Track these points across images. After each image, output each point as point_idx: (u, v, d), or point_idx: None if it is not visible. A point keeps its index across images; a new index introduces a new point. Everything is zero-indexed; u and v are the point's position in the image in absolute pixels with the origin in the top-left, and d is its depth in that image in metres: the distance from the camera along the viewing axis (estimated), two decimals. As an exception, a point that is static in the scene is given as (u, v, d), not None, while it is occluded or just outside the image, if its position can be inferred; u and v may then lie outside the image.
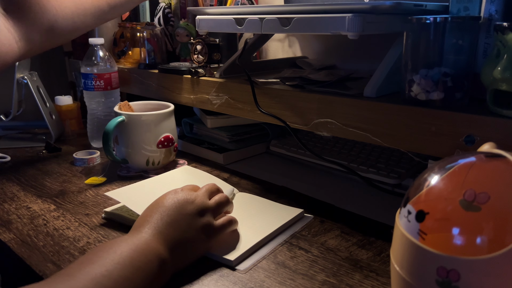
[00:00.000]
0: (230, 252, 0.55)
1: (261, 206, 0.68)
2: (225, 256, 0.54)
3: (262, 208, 0.68)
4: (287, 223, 0.63)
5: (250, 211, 0.66)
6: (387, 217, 0.66)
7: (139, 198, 0.63)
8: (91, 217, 0.67)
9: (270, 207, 0.68)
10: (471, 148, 0.52)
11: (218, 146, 0.94)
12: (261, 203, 0.70)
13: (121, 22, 1.17)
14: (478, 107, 0.56)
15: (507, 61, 0.50)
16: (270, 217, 0.64)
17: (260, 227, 0.61)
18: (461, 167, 0.38)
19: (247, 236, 0.59)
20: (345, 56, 0.99)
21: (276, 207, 0.68)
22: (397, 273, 0.39)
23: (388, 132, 0.60)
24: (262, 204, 0.69)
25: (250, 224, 0.62)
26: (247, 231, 0.60)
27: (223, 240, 0.57)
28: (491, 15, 0.57)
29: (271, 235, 0.60)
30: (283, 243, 0.59)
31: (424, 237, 0.36)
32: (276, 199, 0.71)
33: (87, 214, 0.67)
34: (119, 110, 0.83)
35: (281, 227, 0.62)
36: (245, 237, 0.58)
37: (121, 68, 1.07)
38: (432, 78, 0.56)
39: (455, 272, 0.33)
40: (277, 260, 0.55)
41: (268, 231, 0.60)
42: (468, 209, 0.35)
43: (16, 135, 1.13)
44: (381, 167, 0.78)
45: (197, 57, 0.90)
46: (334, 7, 0.60)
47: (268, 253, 0.56)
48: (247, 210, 0.67)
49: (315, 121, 0.68)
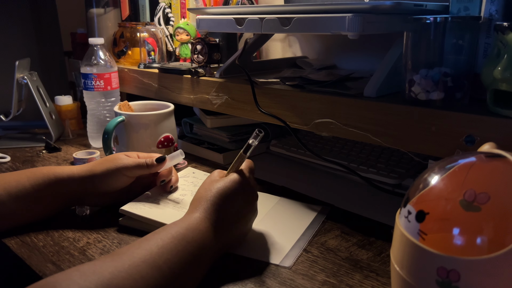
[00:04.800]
0: (273, 256, 0.56)
1: (282, 207, 0.70)
2: (271, 261, 0.55)
3: (285, 209, 0.69)
4: (314, 221, 0.65)
5: (277, 214, 0.67)
6: (387, 217, 0.66)
7: (154, 208, 0.63)
8: (91, 217, 0.66)
9: (290, 207, 0.70)
10: (471, 148, 0.52)
11: (218, 146, 0.94)
12: (281, 204, 0.71)
13: (121, 22, 1.17)
14: (478, 107, 0.56)
15: (507, 61, 0.50)
16: (295, 218, 0.66)
17: (291, 229, 0.62)
18: (461, 167, 0.38)
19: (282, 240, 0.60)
20: (345, 56, 0.99)
21: (296, 206, 0.70)
22: (397, 273, 0.39)
23: (388, 132, 0.60)
24: (282, 205, 0.70)
25: (281, 228, 0.63)
26: (281, 235, 0.61)
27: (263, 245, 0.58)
28: (491, 15, 0.57)
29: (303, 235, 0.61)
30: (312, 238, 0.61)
31: (424, 237, 0.36)
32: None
33: (87, 214, 0.67)
34: (119, 110, 0.83)
35: (310, 226, 0.64)
36: (281, 241, 0.59)
37: (121, 68, 1.07)
38: (432, 78, 0.56)
39: (455, 272, 0.33)
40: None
41: (300, 232, 0.61)
42: (468, 209, 0.35)
43: (16, 135, 1.13)
44: (381, 167, 0.78)
45: (197, 57, 0.90)
46: (334, 7, 0.60)
47: (303, 247, 0.58)
48: (273, 213, 0.68)
49: (315, 121, 0.68)
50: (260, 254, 0.56)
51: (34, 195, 0.59)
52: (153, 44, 1.06)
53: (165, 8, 1.09)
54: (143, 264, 0.41)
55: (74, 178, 0.62)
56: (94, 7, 1.18)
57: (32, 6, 1.19)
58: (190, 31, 1.02)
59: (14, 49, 1.17)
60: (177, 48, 1.08)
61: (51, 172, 0.61)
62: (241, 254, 0.56)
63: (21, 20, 1.17)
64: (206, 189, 0.54)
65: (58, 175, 0.61)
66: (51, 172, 0.61)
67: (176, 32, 1.03)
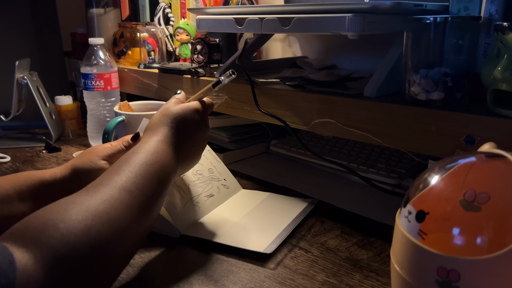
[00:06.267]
0: (260, 244, 0.57)
1: (272, 201, 0.71)
2: (255, 250, 0.56)
3: (274, 202, 0.70)
4: (301, 212, 0.66)
5: (266, 207, 0.69)
6: (387, 217, 0.66)
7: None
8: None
9: (281, 200, 0.71)
10: (471, 148, 0.52)
11: (218, 146, 0.94)
12: (271, 198, 0.72)
13: (121, 22, 1.17)
14: (478, 107, 0.56)
15: (507, 61, 0.50)
16: (284, 210, 0.67)
17: (278, 220, 0.64)
18: (461, 167, 0.38)
19: (270, 229, 0.61)
20: (345, 56, 0.99)
21: (286, 199, 0.71)
22: (397, 273, 0.39)
23: (388, 132, 0.60)
24: (272, 199, 0.72)
25: (269, 219, 0.64)
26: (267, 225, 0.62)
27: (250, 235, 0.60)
28: (491, 15, 0.57)
29: (290, 224, 0.63)
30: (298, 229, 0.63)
31: (424, 237, 0.36)
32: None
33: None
34: (119, 110, 0.83)
35: (297, 216, 0.65)
36: (268, 231, 0.61)
37: (121, 68, 1.07)
38: (432, 78, 0.56)
39: (455, 272, 0.33)
40: (277, 260, 0.55)
41: (286, 223, 0.63)
42: (468, 209, 0.35)
43: (16, 135, 1.13)
44: (381, 167, 0.78)
45: (197, 57, 0.90)
46: (334, 7, 0.60)
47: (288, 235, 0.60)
48: (263, 206, 0.69)
49: (315, 121, 0.68)
50: (244, 243, 0.57)
51: (17, 199, 0.58)
52: (153, 44, 1.06)
53: (165, 8, 1.09)
54: (118, 190, 0.45)
55: (57, 179, 0.60)
56: (94, 7, 1.18)
57: (32, 6, 1.18)
58: (190, 31, 1.02)
59: (14, 49, 1.17)
60: (177, 48, 1.08)
61: (33, 175, 0.60)
62: (226, 243, 0.58)
63: (21, 20, 1.17)
64: (163, 114, 0.57)
65: (41, 177, 0.60)
66: (33, 175, 0.60)
67: (176, 32, 1.03)
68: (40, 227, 0.38)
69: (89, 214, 0.40)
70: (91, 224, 0.40)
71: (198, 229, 0.62)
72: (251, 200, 0.71)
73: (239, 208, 0.68)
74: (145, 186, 0.47)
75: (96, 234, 0.39)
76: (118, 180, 0.45)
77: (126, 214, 0.43)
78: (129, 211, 0.44)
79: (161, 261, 0.55)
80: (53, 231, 0.38)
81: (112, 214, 0.42)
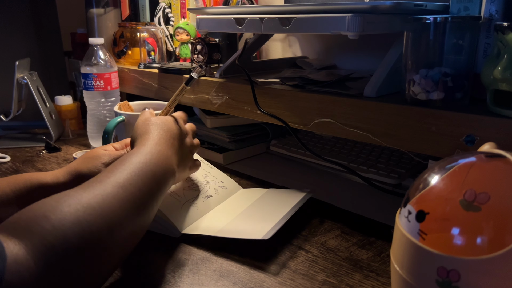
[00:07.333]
0: (258, 233, 0.57)
1: (270, 194, 0.72)
2: (253, 238, 0.56)
3: (272, 195, 0.71)
4: (299, 202, 0.66)
5: (264, 201, 0.69)
6: (387, 217, 0.66)
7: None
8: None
9: (278, 193, 0.72)
10: (471, 148, 0.52)
11: (218, 146, 0.94)
12: (269, 192, 0.73)
13: (121, 22, 1.17)
14: (478, 107, 0.56)
15: (507, 61, 0.50)
16: (281, 201, 0.67)
17: (277, 210, 0.64)
18: (461, 167, 0.38)
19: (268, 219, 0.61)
20: (345, 56, 0.99)
21: (284, 192, 0.72)
22: (397, 273, 0.39)
23: (388, 132, 0.60)
24: (271, 193, 0.72)
25: (268, 210, 0.65)
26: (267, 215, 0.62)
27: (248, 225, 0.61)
28: (491, 15, 0.57)
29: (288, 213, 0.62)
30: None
31: (424, 237, 0.36)
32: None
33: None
34: (119, 110, 0.83)
35: (295, 206, 0.65)
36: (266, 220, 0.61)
37: (121, 68, 1.07)
38: (432, 78, 0.56)
39: (455, 272, 0.33)
40: (277, 260, 0.55)
41: (285, 211, 0.62)
42: (468, 209, 0.35)
43: (16, 135, 1.13)
44: (381, 167, 0.78)
45: (197, 57, 0.90)
46: (334, 7, 0.60)
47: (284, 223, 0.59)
48: (262, 200, 0.70)
49: (315, 121, 0.68)
50: (243, 234, 0.57)
51: (16, 202, 0.57)
52: (153, 44, 1.06)
53: (165, 8, 1.09)
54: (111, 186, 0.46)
55: (59, 183, 0.60)
56: (94, 7, 1.18)
57: (32, 6, 1.18)
58: (190, 31, 1.02)
59: (14, 49, 1.17)
60: (177, 48, 1.08)
61: (34, 178, 0.59)
62: (225, 236, 0.58)
63: (21, 20, 1.17)
64: (144, 125, 0.59)
65: (42, 180, 0.59)
66: (34, 177, 0.59)
67: (176, 32, 1.03)
68: (32, 219, 0.39)
69: (81, 207, 0.41)
70: (83, 216, 0.40)
71: (198, 226, 0.62)
72: (250, 196, 0.72)
73: (238, 205, 0.68)
74: (140, 182, 0.48)
75: (87, 226, 0.40)
76: (112, 178, 0.46)
77: (120, 209, 0.44)
78: (123, 205, 0.44)
79: (161, 261, 0.55)
80: (45, 222, 0.38)
81: (105, 208, 0.42)
